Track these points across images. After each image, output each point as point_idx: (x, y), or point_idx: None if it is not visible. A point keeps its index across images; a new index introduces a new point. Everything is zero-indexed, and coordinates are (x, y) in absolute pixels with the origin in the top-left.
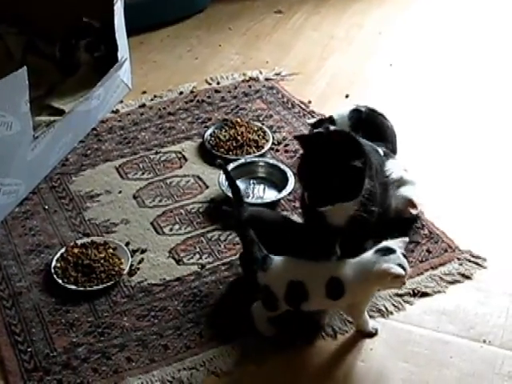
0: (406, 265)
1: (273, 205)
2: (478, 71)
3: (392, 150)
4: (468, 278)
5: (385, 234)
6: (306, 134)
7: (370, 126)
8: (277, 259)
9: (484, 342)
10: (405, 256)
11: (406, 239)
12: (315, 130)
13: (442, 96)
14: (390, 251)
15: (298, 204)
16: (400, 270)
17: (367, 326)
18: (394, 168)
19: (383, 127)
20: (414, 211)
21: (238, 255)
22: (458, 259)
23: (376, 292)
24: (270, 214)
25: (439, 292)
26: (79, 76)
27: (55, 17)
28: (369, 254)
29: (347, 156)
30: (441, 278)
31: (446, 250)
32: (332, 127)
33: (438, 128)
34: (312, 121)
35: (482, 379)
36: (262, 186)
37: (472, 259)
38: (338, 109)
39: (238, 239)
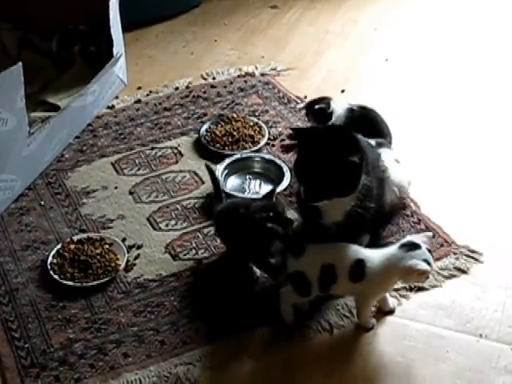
0: (431, 260)
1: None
2: (473, 66)
3: (389, 143)
4: (464, 272)
5: (380, 228)
6: (302, 128)
7: (364, 122)
8: (309, 246)
9: (480, 336)
10: (429, 251)
11: (430, 234)
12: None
13: (437, 90)
14: (415, 246)
15: (294, 199)
16: (426, 266)
17: (368, 320)
18: (385, 157)
19: (377, 122)
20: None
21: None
22: (455, 254)
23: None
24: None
25: (435, 286)
26: (74, 72)
27: (50, 12)
28: (393, 249)
29: (344, 151)
30: (437, 272)
31: (442, 245)
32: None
33: (433, 122)
34: (302, 105)
35: (478, 373)
36: (258, 181)
37: (468, 254)
38: (338, 102)
39: None
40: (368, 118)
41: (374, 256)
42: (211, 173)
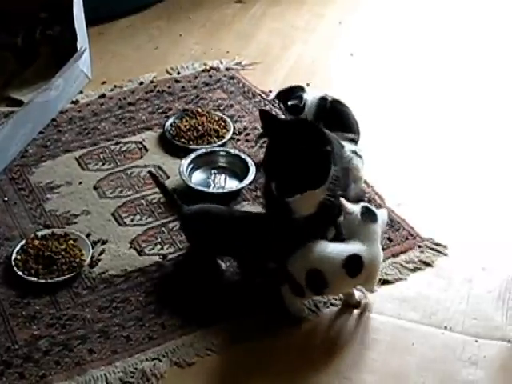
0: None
1: (234, 194)
2: (437, 59)
3: (356, 140)
4: (429, 265)
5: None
6: (270, 113)
7: (334, 115)
8: (299, 247)
9: (445, 328)
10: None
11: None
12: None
13: (401, 84)
14: (371, 210)
15: (259, 194)
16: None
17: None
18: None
19: (346, 118)
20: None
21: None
22: (419, 247)
23: None
24: (216, 208)
25: (400, 279)
26: (38, 67)
27: (14, 6)
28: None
29: (314, 142)
30: (402, 265)
31: (406, 238)
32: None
33: (398, 117)
34: (273, 95)
35: (443, 365)
36: (223, 176)
37: (433, 246)
38: (309, 90)
39: None
40: (339, 112)
41: (362, 246)
42: (155, 179)
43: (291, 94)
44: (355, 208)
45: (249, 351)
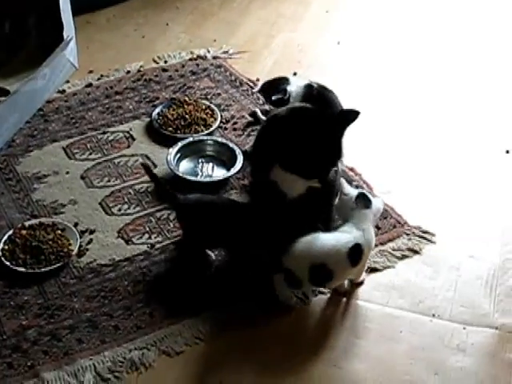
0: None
1: (222, 183)
2: (423, 47)
3: None
4: (417, 252)
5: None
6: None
7: (321, 101)
8: (297, 242)
9: (433, 315)
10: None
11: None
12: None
13: (388, 72)
14: (367, 197)
15: (247, 182)
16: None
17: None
18: None
19: (333, 104)
20: None
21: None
22: (407, 234)
23: None
24: (211, 198)
25: (389, 267)
26: (24, 56)
27: None
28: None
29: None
30: (390, 253)
31: (394, 226)
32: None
33: (385, 104)
34: (258, 87)
35: (431, 352)
36: (210, 165)
37: (421, 234)
38: (293, 80)
39: None
40: (326, 98)
41: (362, 233)
42: (148, 170)
43: (275, 86)
44: (352, 191)
45: (238, 339)
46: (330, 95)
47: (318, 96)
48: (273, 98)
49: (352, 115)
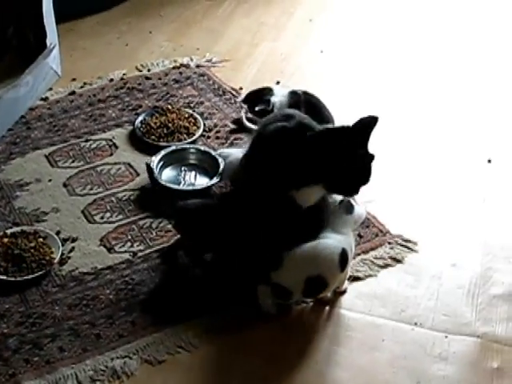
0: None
1: (204, 191)
2: (406, 55)
3: None
4: (399, 261)
5: None
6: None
7: (309, 108)
8: (288, 255)
9: (415, 324)
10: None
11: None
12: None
13: (371, 81)
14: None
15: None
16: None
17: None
18: None
19: (321, 109)
20: None
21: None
22: (389, 243)
23: None
24: (210, 203)
25: (370, 276)
26: (7, 63)
27: None
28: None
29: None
30: (372, 262)
31: (377, 235)
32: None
33: (367, 113)
34: (241, 97)
35: (413, 361)
36: (193, 173)
37: (403, 243)
38: (277, 90)
39: (171, 227)
40: (313, 105)
41: (340, 237)
42: (151, 172)
43: (259, 97)
44: (335, 196)
45: (220, 348)
46: (316, 101)
47: (305, 102)
48: (256, 108)
49: (373, 121)
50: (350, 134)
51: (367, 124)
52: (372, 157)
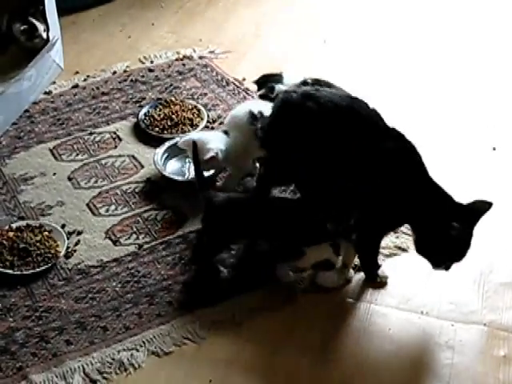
0: None
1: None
2: (410, 46)
3: None
4: (404, 250)
5: None
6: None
7: None
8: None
9: (422, 313)
10: None
11: None
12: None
13: (376, 71)
14: None
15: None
16: None
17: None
18: None
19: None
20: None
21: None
22: (395, 232)
23: None
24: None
25: None
26: (9, 57)
27: None
28: None
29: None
30: None
31: None
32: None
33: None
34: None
35: (420, 349)
36: None
37: (408, 232)
38: (288, 77)
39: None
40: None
41: None
42: (196, 153)
43: (267, 81)
44: None
45: (226, 339)
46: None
47: None
48: (258, 92)
49: (487, 207)
50: (459, 213)
51: (481, 209)
52: (470, 236)
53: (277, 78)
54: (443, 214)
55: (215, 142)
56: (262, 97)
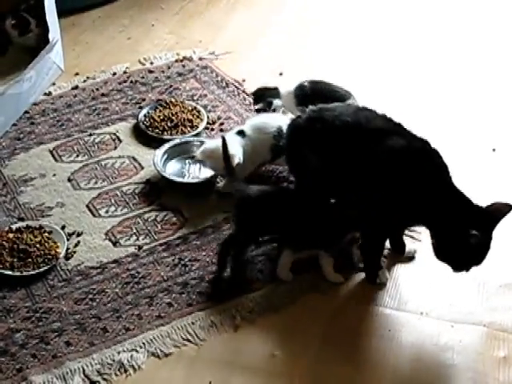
0: None
1: (209, 183)
2: (411, 44)
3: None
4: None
5: None
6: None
7: (317, 95)
8: None
9: (421, 314)
10: None
11: None
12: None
13: (377, 71)
14: None
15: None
16: None
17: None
18: None
19: (332, 92)
20: None
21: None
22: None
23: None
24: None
25: None
26: (9, 58)
27: None
28: None
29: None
30: None
31: None
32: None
33: (372, 101)
34: (259, 106)
35: (420, 351)
36: (197, 166)
37: (407, 233)
38: (282, 93)
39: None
40: (318, 90)
41: None
42: (226, 149)
43: (263, 95)
44: None
45: (227, 340)
46: (324, 86)
47: (313, 92)
48: (256, 106)
49: (507, 209)
50: (478, 218)
51: (500, 210)
52: (489, 240)
53: (273, 92)
54: (462, 220)
55: (235, 147)
56: (258, 111)
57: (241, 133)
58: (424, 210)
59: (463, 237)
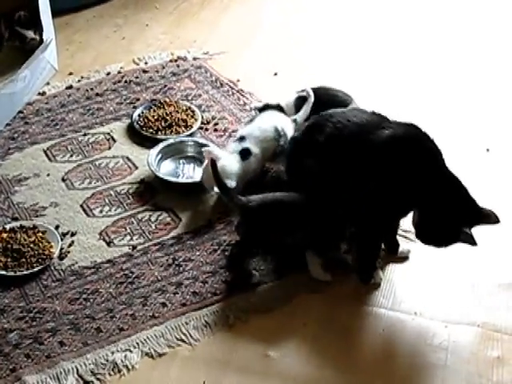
0: None
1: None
2: (406, 45)
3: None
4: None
5: None
6: None
7: (317, 102)
8: None
9: (415, 314)
10: None
11: None
12: None
13: (372, 71)
14: None
15: None
16: None
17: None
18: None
19: (332, 97)
20: None
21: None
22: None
23: None
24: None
25: None
26: (3, 58)
27: None
28: None
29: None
30: None
31: None
32: None
33: (366, 100)
34: (259, 105)
35: (414, 351)
36: (191, 166)
37: (401, 233)
38: (283, 99)
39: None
40: (317, 96)
41: None
42: (214, 167)
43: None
44: None
45: (220, 340)
46: (323, 91)
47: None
48: (254, 105)
49: (494, 220)
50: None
51: (489, 217)
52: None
53: (277, 108)
54: (452, 202)
55: (233, 168)
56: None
57: (242, 139)
58: (417, 193)
59: (454, 229)
